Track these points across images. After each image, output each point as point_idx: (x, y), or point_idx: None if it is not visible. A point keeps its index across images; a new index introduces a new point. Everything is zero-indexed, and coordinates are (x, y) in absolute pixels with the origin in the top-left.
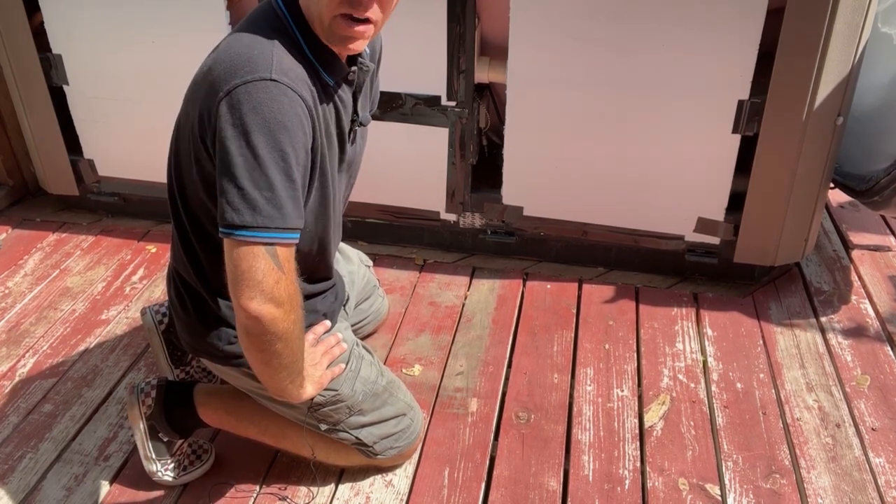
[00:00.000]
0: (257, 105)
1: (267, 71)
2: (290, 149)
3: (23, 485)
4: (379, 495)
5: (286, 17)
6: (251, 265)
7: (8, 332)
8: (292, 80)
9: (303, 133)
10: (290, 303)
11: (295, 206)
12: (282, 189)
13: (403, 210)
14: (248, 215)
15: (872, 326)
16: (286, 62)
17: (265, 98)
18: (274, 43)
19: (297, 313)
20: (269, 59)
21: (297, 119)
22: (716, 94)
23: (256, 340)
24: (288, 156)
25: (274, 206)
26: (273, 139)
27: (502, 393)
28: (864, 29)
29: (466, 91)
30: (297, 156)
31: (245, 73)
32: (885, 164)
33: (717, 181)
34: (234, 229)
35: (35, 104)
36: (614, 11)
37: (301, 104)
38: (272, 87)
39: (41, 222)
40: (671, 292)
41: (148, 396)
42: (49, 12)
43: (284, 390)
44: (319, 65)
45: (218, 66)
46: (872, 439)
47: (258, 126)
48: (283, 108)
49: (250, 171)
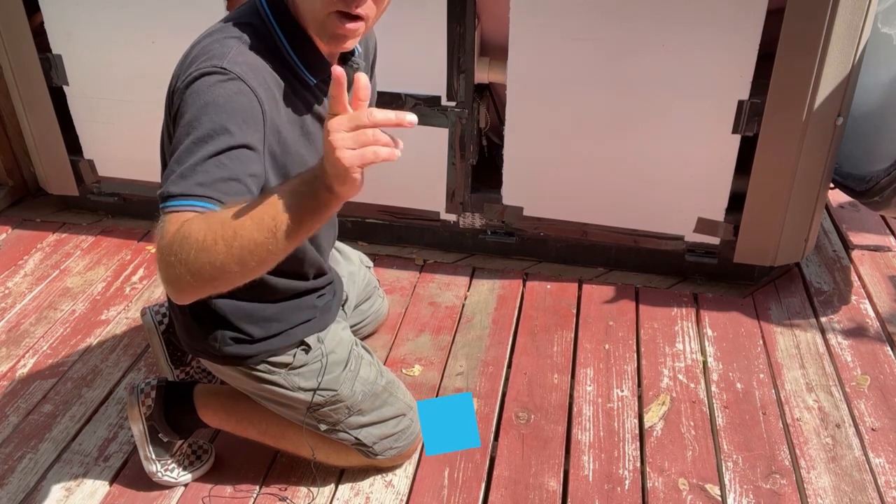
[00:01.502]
0: (198, 89)
1: (220, 60)
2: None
3: (23, 485)
4: (379, 495)
5: (268, 15)
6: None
7: (8, 332)
8: (244, 71)
9: (243, 120)
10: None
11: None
12: (199, 162)
13: (403, 210)
14: (163, 187)
15: (872, 326)
16: (245, 56)
17: (209, 83)
18: (241, 38)
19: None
20: (226, 51)
21: (238, 105)
22: (716, 94)
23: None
24: (218, 134)
25: (183, 177)
26: (207, 119)
27: (502, 393)
28: (864, 29)
29: (466, 91)
30: (233, 137)
31: (199, 64)
32: (885, 164)
33: (717, 181)
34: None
35: (35, 104)
36: (614, 11)
37: (248, 93)
38: (217, 73)
39: (41, 222)
40: (671, 292)
41: (148, 397)
42: (49, 12)
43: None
44: (301, 64)
45: (181, 61)
46: (872, 439)
47: (195, 109)
48: (222, 94)
49: (181, 152)
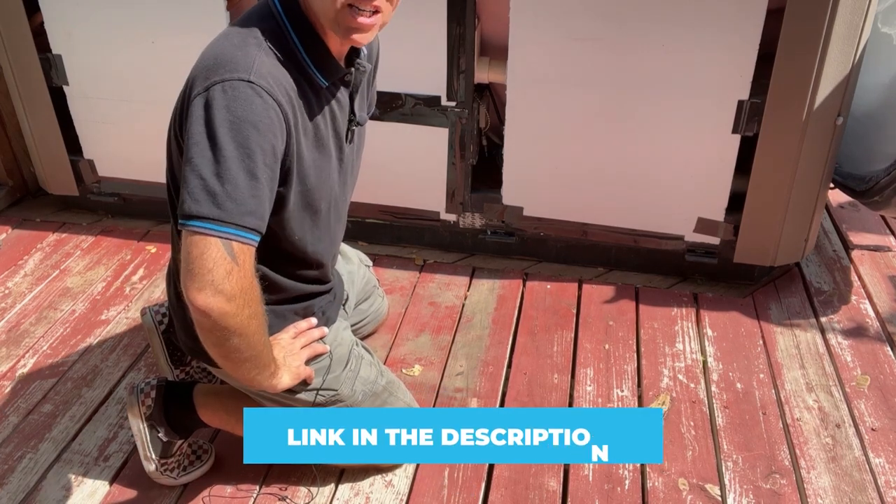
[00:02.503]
0: (230, 103)
1: (246, 72)
2: (257, 148)
3: (23, 485)
4: (379, 495)
5: (282, 16)
6: (202, 253)
7: (8, 332)
8: (270, 84)
9: (272, 135)
10: (243, 297)
11: (256, 204)
12: (244, 186)
13: (403, 210)
14: (206, 206)
15: (872, 326)
16: (268, 66)
17: (239, 97)
18: (261, 45)
19: (253, 308)
20: (251, 61)
21: (268, 121)
22: (716, 94)
23: (210, 335)
24: (254, 154)
25: (234, 201)
26: (241, 136)
27: (502, 393)
28: (864, 29)
29: (466, 91)
30: (265, 157)
31: (224, 73)
32: (885, 164)
33: (717, 181)
34: (191, 219)
35: (35, 104)
36: (614, 11)
37: (275, 108)
38: (248, 87)
39: (41, 222)
40: (671, 292)
41: (147, 397)
42: (49, 12)
43: (253, 381)
44: (314, 66)
45: (200, 63)
46: (872, 439)
47: (227, 123)
48: (255, 109)
49: (214, 165)
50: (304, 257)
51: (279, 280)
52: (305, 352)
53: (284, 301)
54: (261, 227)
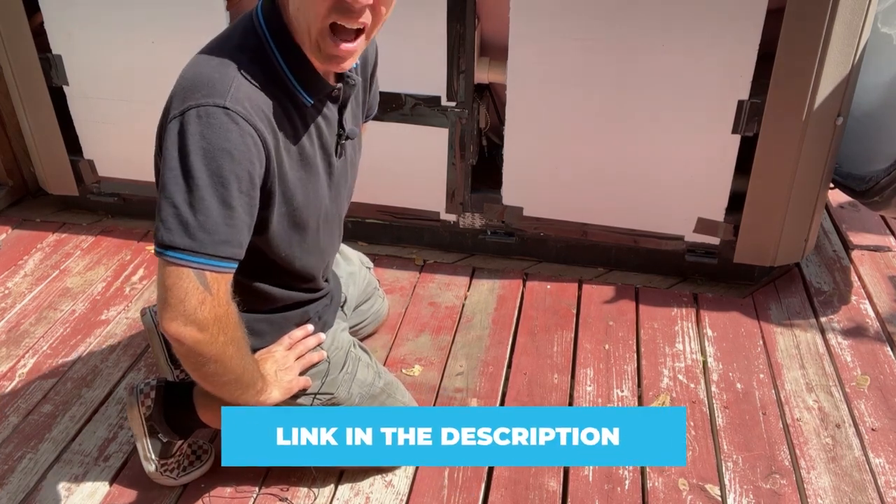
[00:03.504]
0: (204, 130)
1: (222, 97)
2: (231, 176)
3: (23, 485)
4: (379, 496)
5: (265, 34)
6: (174, 283)
7: (8, 332)
8: (247, 109)
9: (248, 162)
10: (217, 325)
11: (231, 233)
12: (217, 215)
13: (403, 210)
14: (178, 236)
15: (872, 326)
16: (245, 90)
17: (213, 124)
18: (241, 65)
19: (229, 334)
20: (228, 85)
21: (244, 148)
22: (716, 94)
23: (186, 361)
24: (229, 182)
25: (205, 231)
26: (214, 164)
27: (502, 393)
28: (863, 29)
29: (466, 91)
30: (241, 184)
31: (199, 97)
32: (885, 164)
33: (717, 181)
34: (166, 249)
35: (35, 104)
36: (614, 12)
37: (252, 134)
38: (223, 114)
39: (41, 222)
40: (671, 292)
41: (147, 397)
42: (49, 12)
43: (238, 400)
44: (299, 85)
45: (179, 82)
46: (872, 439)
47: (201, 150)
48: (229, 137)
49: (186, 194)
50: (291, 270)
51: (271, 290)
52: (298, 364)
53: (278, 310)
54: (237, 254)
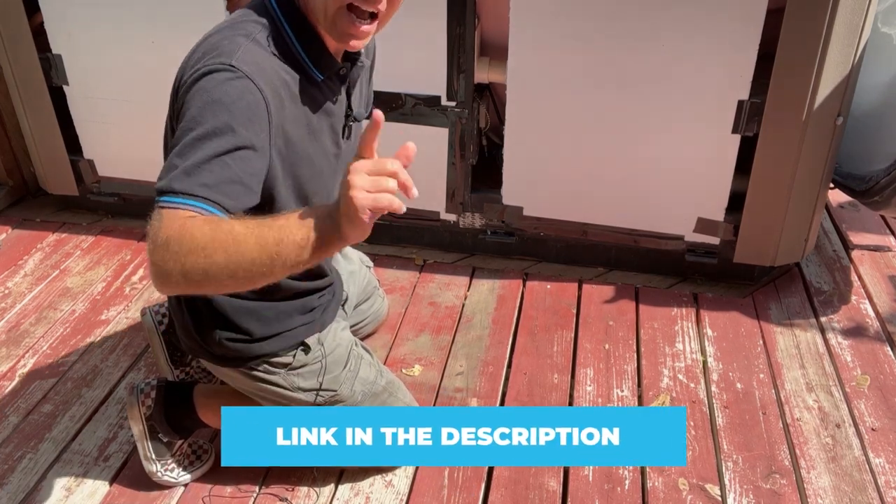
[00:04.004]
0: (206, 86)
1: (229, 57)
2: (226, 127)
3: (23, 485)
4: (379, 495)
5: (277, 13)
6: (152, 223)
7: (8, 332)
8: (252, 70)
9: (248, 119)
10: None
11: (214, 179)
12: (204, 162)
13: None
14: (164, 181)
15: (872, 326)
16: (253, 54)
17: (216, 78)
18: (250, 35)
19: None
20: (235, 49)
21: (244, 105)
22: (716, 94)
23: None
24: (223, 133)
25: (187, 174)
26: (210, 114)
27: (502, 393)
28: (864, 29)
29: (466, 91)
30: (238, 137)
31: (207, 60)
32: (885, 164)
33: (716, 181)
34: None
35: (35, 104)
36: (614, 11)
37: (255, 93)
38: (225, 70)
39: (41, 222)
40: (671, 292)
41: (147, 397)
42: (49, 12)
43: (276, 268)
44: (310, 61)
45: (189, 56)
46: (872, 439)
47: (200, 104)
48: (229, 92)
49: (181, 146)
50: None
51: None
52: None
53: (283, 299)
54: (221, 200)
